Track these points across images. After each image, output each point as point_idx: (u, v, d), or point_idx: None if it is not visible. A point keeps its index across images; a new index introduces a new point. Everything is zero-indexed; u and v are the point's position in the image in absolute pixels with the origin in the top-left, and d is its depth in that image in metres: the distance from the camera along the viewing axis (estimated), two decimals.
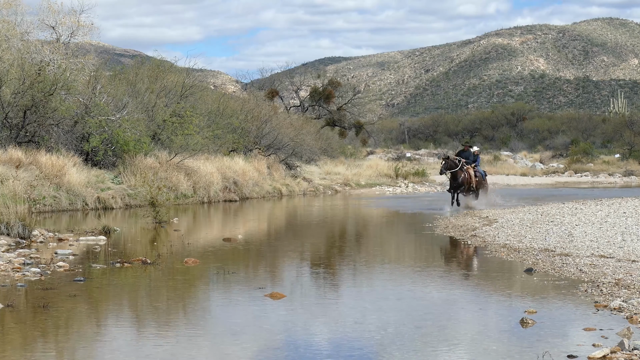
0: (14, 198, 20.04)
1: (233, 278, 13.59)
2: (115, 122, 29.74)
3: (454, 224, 22.75)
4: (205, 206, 30.40)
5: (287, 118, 50.68)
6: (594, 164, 67.69)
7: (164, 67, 38.44)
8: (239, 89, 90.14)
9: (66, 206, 25.55)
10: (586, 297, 11.52)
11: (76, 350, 8.95)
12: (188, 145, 32.17)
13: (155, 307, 11.40)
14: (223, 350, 9.03)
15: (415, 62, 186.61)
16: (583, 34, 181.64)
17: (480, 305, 11.64)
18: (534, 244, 17.41)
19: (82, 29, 32.56)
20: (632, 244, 16.69)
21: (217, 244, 18.27)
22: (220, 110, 40.22)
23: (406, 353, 8.84)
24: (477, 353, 8.84)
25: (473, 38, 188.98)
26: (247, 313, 10.94)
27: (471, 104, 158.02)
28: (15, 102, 28.27)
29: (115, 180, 28.60)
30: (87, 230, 19.66)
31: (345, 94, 67.06)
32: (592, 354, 8.38)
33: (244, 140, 40.07)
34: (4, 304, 10.75)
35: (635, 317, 10.04)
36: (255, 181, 35.66)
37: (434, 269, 15.36)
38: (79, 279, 12.88)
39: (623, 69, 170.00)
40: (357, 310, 11.32)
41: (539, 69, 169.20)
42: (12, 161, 25.49)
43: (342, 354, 8.88)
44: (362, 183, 45.95)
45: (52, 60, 29.52)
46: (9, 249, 15.85)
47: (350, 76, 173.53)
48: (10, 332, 9.60)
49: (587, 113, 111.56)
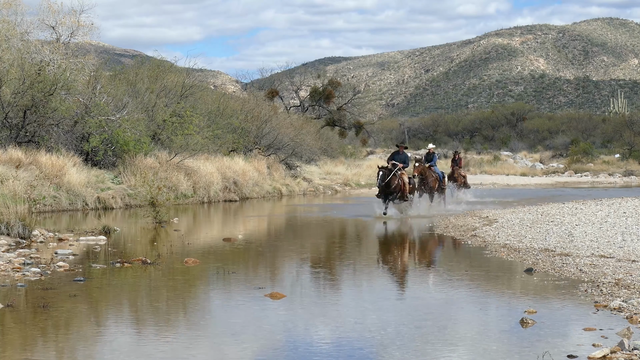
0: (14, 198, 20.04)
1: (233, 278, 13.59)
2: (115, 122, 29.74)
3: (454, 223, 22.75)
4: (205, 206, 30.40)
5: (287, 118, 50.68)
6: (594, 164, 67.69)
7: (164, 67, 38.46)
8: (239, 89, 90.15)
9: (66, 206, 25.55)
10: (586, 297, 11.52)
11: (76, 350, 8.95)
12: (188, 145, 32.17)
13: (155, 307, 11.39)
14: (223, 350, 9.03)
15: (415, 62, 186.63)
16: (583, 34, 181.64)
17: (480, 305, 11.64)
18: (534, 244, 17.41)
19: (82, 29, 32.59)
20: (632, 244, 16.69)
21: (217, 244, 18.27)
22: (220, 110, 40.22)
23: (406, 353, 8.83)
24: (477, 353, 8.84)
25: (473, 38, 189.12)
26: (247, 313, 10.93)
27: (471, 104, 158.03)
28: (15, 102, 28.27)
29: (115, 180, 28.60)
30: (87, 230, 19.67)
31: (345, 94, 67.05)
32: (592, 354, 8.38)
33: (244, 140, 40.07)
34: (4, 304, 10.75)
35: (635, 317, 10.04)
36: (255, 181, 35.66)
37: (434, 268, 15.36)
38: (79, 279, 12.88)
39: (623, 69, 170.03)
40: (357, 310, 11.32)
41: (539, 69, 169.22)
42: (12, 161, 25.49)
43: (342, 354, 8.87)
44: (362, 183, 45.95)
45: (52, 60, 29.52)
46: (9, 249, 15.85)
47: (350, 76, 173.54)
48: (10, 332, 9.60)
49: (587, 113, 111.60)
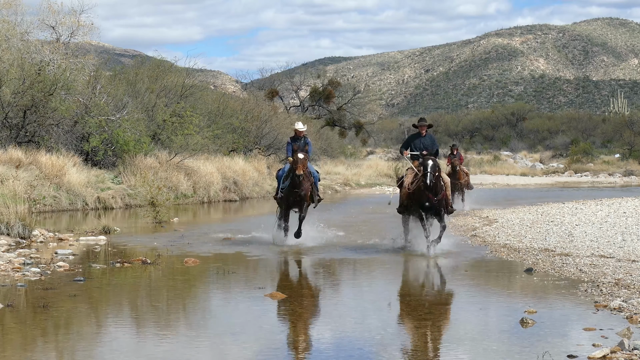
0: (14, 198, 20.03)
1: (233, 278, 13.58)
2: (115, 122, 29.74)
3: (454, 223, 22.73)
4: (205, 206, 30.40)
5: (287, 118, 50.68)
6: (594, 164, 67.68)
7: (164, 67, 38.46)
8: (239, 89, 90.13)
9: (66, 206, 25.55)
10: (586, 297, 11.52)
11: (76, 350, 8.95)
12: (188, 145, 32.18)
13: (155, 307, 11.39)
14: (223, 350, 9.03)
15: (415, 62, 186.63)
16: (583, 34, 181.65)
17: (480, 305, 11.64)
18: (534, 244, 17.41)
19: (82, 29, 32.62)
20: (632, 244, 16.69)
21: (217, 244, 18.26)
22: (220, 110, 40.22)
23: (406, 353, 8.83)
24: (477, 353, 8.84)
25: (473, 38, 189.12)
26: (247, 313, 10.94)
27: (471, 104, 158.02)
28: (15, 102, 28.27)
29: (115, 180, 28.60)
30: (87, 230, 19.67)
31: (345, 94, 67.09)
32: (592, 354, 8.38)
33: (244, 140, 40.07)
34: (4, 304, 10.75)
35: (635, 317, 10.04)
36: (255, 181, 35.66)
37: (434, 268, 15.36)
38: (79, 279, 12.88)
39: (623, 69, 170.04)
40: (357, 310, 11.32)
41: (539, 69, 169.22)
42: (12, 161, 25.50)
43: (342, 354, 8.87)
44: (362, 183, 45.98)
45: (52, 60, 29.53)
46: (9, 248, 15.85)
47: (350, 76, 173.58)
48: (10, 332, 9.60)
49: (587, 113, 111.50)
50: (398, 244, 17.29)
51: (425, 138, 17.06)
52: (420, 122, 17.28)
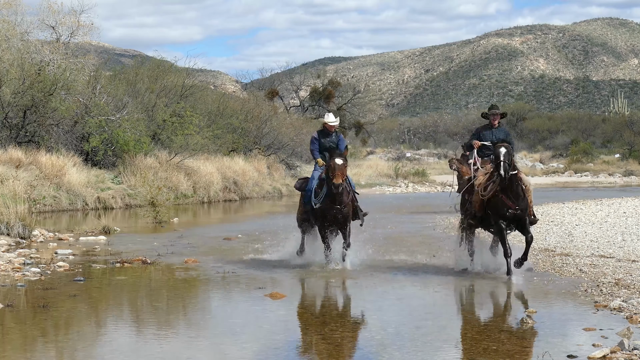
0: (14, 198, 20.03)
1: (233, 278, 13.58)
2: (115, 122, 29.74)
3: (454, 224, 22.72)
4: (205, 206, 30.41)
5: (287, 118, 50.69)
6: (594, 164, 67.69)
7: (164, 67, 38.48)
8: (239, 89, 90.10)
9: (66, 206, 25.56)
10: (586, 297, 11.51)
11: (76, 350, 8.94)
12: (188, 145, 32.19)
13: (155, 307, 11.39)
14: (223, 350, 9.02)
15: (415, 62, 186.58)
16: (583, 34, 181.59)
17: (480, 305, 11.63)
18: (534, 243, 17.37)
19: (82, 29, 32.61)
20: (632, 244, 16.69)
21: (217, 244, 18.26)
22: (220, 110, 40.23)
23: (406, 353, 8.82)
24: (477, 353, 8.83)
25: (473, 38, 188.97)
26: (247, 313, 10.93)
27: (471, 104, 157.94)
28: (15, 102, 28.28)
29: (115, 180, 28.60)
30: (87, 230, 19.68)
31: (345, 94, 67.07)
32: (592, 354, 8.37)
33: (244, 140, 40.08)
34: (4, 304, 10.75)
35: (635, 317, 10.03)
36: (255, 181, 35.67)
37: (434, 268, 15.34)
38: (79, 279, 12.88)
39: (623, 69, 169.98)
40: (357, 310, 11.32)
41: (539, 69, 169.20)
42: (12, 161, 25.50)
43: (342, 354, 8.87)
44: (362, 183, 45.92)
45: (52, 60, 29.53)
46: (9, 248, 15.86)
47: (350, 76, 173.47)
48: (10, 332, 9.59)
49: (587, 113, 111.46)
50: (460, 266, 14.36)
51: (499, 131, 13.58)
52: (491, 111, 13.57)
